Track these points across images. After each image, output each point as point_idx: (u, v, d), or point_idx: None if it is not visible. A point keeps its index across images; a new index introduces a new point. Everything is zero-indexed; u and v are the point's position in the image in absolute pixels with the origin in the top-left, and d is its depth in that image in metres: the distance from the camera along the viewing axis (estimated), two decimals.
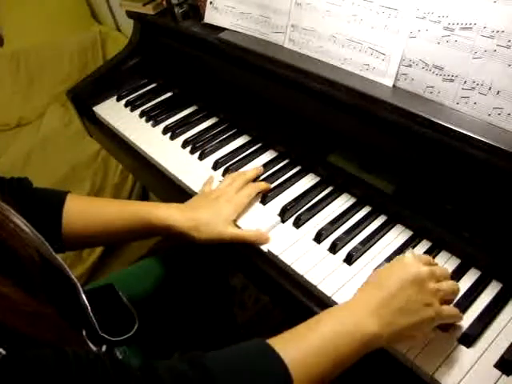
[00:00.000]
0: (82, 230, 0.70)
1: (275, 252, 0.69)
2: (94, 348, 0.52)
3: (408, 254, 0.57)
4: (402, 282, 0.52)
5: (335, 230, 0.71)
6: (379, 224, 0.72)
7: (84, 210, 0.71)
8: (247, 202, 0.75)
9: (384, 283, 0.53)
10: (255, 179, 0.81)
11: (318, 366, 0.48)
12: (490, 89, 0.62)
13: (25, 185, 0.70)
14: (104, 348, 0.60)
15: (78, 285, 0.55)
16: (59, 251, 0.68)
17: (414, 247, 0.68)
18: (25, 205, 0.65)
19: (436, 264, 0.58)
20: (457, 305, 0.59)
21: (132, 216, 0.70)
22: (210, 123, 1.00)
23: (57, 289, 0.52)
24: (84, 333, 0.53)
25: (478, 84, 0.63)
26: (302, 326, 0.52)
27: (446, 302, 0.55)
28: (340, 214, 0.74)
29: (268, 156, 0.88)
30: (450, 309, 0.55)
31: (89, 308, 0.57)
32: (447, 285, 0.55)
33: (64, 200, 0.70)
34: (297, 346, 0.49)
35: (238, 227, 0.74)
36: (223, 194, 0.74)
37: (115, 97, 1.13)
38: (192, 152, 0.92)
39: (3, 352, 0.36)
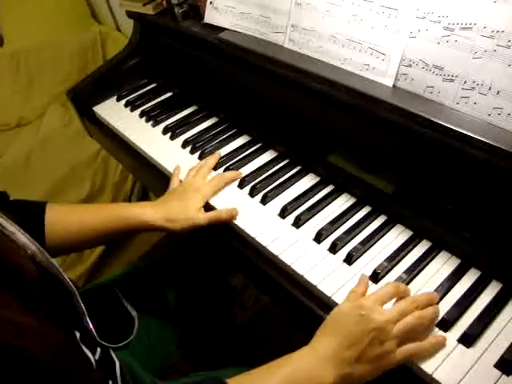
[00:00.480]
0: (64, 238, 0.72)
1: (275, 252, 0.69)
2: (88, 353, 0.52)
3: (370, 297, 0.57)
4: (355, 335, 0.53)
5: (335, 230, 0.71)
6: (379, 224, 0.72)
7: (64, 219, 0.73)
8: (214, 191, 0.80)
9: (339, 333, 0.55)
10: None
11: None
12: (490, 89, 0.62)
13: (3, 198, 0.70)
14: (99, 350, 0.60)
15: (76, 292, 0.55)
16: None
17: (414, 247, 0.68)
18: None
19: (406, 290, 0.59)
20: (457, 305, 0.59)
21: (110, 218, 0.74)
22: (210, 123, 1.00)
23: (54, 296, 0.52)
24: (78, 335, 0.53)
25: (478, 84, 0.63)
26: (262, 369, 0.54)
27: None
28: (340, 214, 0.74)
29: (268, 156, 0.88)
30: (404, 353, 0.54)
31: (86, 314, 0.57)
32: (408, 323, 0.55)
33: (44, 211, 0.71)
34: None
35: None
36: (190, 185, 0.80)
37: (115, 97, 1.13)
38: (192, 152, 0.92)
39: None
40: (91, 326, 0.58)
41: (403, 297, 0.58)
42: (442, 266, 0.65)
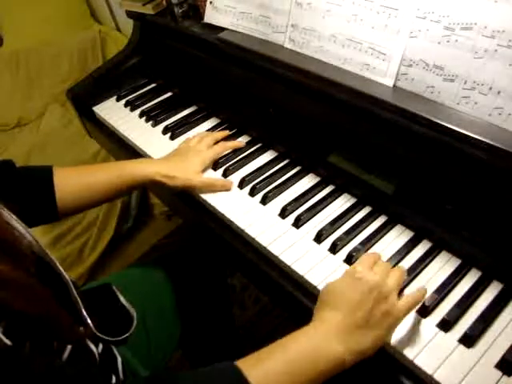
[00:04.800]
0: (73, 199, 0.75)
1: (275, 252, 0.69)
2: (92, 346, 0.52)
3: (356, 265, 0.57)
4: (358, 299, 0.53)
5: (335, 231, 0.71)
6: (379, 224, 0.71)
7: (73, 180, 0.77)
8: (214, 157, 0.86)
9: (341, 303, 0.54)
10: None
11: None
12: (490, 89, 0.62)
13: (9, 166, 0.74)
14: (101, 346, 0.60)
15: (70, 282, 0.55)
16: (54, 220, 0.75)
17: (414, 247, 0.68)
18: (12, 186, 0.70)
19: (378, 254, 0.61)
20: (458, 305, 0.59)
21: (119, 177, 0.78)
22: (210, 123, 0.99)
23: (50, 286, 0.52)
24: (82, 329, 0.53)
25: (478, 84, 0.63)
26: (267, 350, 0.53)
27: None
28: (340, 215, 0.74)
29: (268, 156, 0.88)
30: (406, 304, 0.55)
31: (81, 304, 0.57)
32: (396, 275, 0.57)
33: (51, 174, 0.74)
34: (262, 368, 0.50)
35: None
36: (193, 149, 0.85)
37: (115, 97, 1.12)
38: None
39: (8, 343, 0.36)
40: (89, 319, 0.58)
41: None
42: (442, 266, 0.65)
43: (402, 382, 0.55)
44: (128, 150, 0.99)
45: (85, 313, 0.57)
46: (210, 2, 0.98)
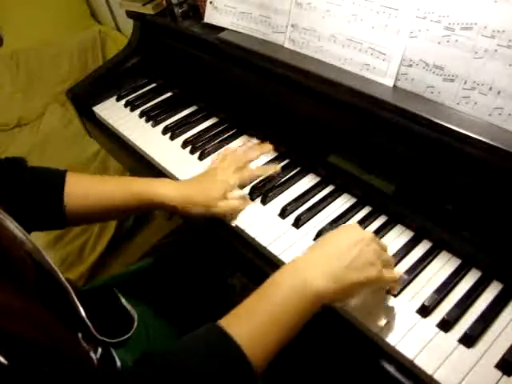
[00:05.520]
0: (83, 209, 0.71)
1: (275, 252, 0.69)
2: (91, 354, 0.52)
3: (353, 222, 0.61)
4: (348, 242, 0.56)
5: None
6: (379, 224, 0.71)
7: (86, 191, 0.72)
8: (238, 183, 0.78)
9: (331, 243, 0.57)
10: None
11: (272, 334, 0.51)
12: (490, 89, 0.62)
13: (20, 165, 0.71)
14: (100, 350, 0.60)
15: (70, 289, 0.55)
16: (60, 227, 0.72)
17: (414, 247, 0.68)
18: (22, 185, 0.67)
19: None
20: (458, 305, 0.59)
21: (133, 195, 0.72)
22: (210, 123, 0.99)
23: (50, 293, 0.52)
24: (80, 335, 0.53)
25: (478, 84, 0.63)
26: (251, 298, 0.54)
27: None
28: (340, 215, 0.74)
29: (268, 156, 0.88)
30: (390, 271, 0.58)
31: (82, 311, 0.57)
32: (388, 254, 0.59)
33: (64, 180, 0.71)
34: (248, 320, 0.51)
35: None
36: (220, 173, 0.78)
37: (115, 97, 1.12)
38: (192, 152, 0.92)
39: (4, 361, 0.36)
40: (89, 322, 0.58)
41: None
42: (442, 266, 0.65)
43: (402, 382, 0.55)
44: (128, 150, 0.99)
45: (85, 316, 0.57)
46: (210, 2, 0.98)
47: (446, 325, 0.57)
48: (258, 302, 0.53)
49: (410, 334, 0.57)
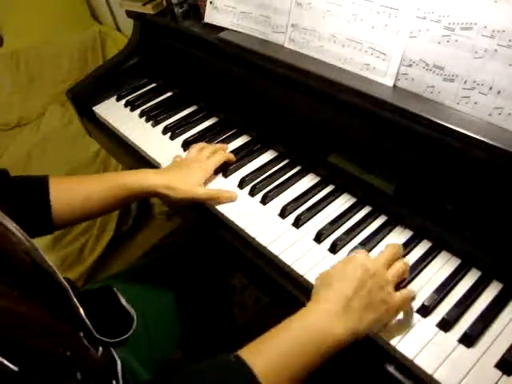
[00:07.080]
0: (70, 210, 0.73)
1: (275, 252, 0.69)
2: (92, 350, 0.52)
3: (357, 252, 0.59)
4: (356, 283, 0.54)
5: (335, 230, 0.71)
6: (379, 224, 0.71)
7: (69, 191, 0.74)
8: (215, 166, 0.83)
9: (339, 284, 0.55)
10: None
11: (288, 370, 0.50)
12: (490, 89, 0.62)
13: (4, 176, 0.71)
14: (100, 349, 0.60)
15: (69, 288, 0.55)
16: (48, 233, 0.72)
17: (414, 247, 0.68)
18: (6, 196, 0.67)
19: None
20: (457, 305, 0.59)
21: (114, 187, 0.75)
22: (210, 123, 0.99)
23: (48, 293, 0.52)
24: (82, 334, 0.53)
25: (478, 84, 0.63)
26: (271, 334, 0.54)
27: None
28: (340, 214, 0.74)
29: (268, 156, 0.88)
30: (404, 296, 0.57)
31: (81, 311, 0.57)
32: (397, 268, 0.58)
33: (48, 186, 0.72)
34: (267, 354, 0.51)
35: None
36: (195, 161, 0.82)
37: (115, 97, 1.12)
38: None
39: (14, 368, 0.36)
40: (88, 322, 0.58)
41: None
42: (442, 266, 0.65)
43: (402, 382, 0.55)
44: (128, 150, 0.99)
45: (85, 316, 0.57)
46: (210, 2, 0.98)
47: (445, 324, 0.57)
48: (277, 338, 0.53)
49: (410, 333, 0.57)
